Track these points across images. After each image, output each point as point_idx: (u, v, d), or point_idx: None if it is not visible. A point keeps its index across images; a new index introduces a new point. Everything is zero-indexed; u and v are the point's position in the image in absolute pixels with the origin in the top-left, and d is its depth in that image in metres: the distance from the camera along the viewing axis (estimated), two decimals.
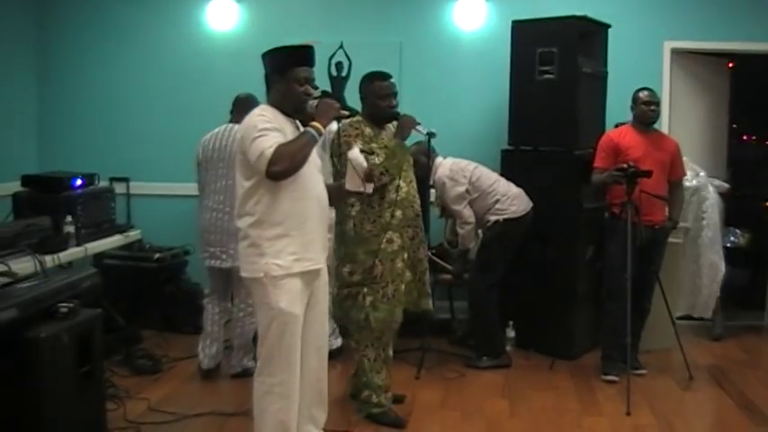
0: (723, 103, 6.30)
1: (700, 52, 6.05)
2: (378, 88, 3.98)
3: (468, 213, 4.95)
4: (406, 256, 4.01)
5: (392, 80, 4.05)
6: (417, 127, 4.01)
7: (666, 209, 4.83)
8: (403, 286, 4.01)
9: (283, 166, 3.04)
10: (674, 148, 4.85)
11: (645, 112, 4.75)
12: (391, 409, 4.07)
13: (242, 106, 4.64)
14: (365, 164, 3.81)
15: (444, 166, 4.99)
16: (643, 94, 4.76)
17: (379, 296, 3.93)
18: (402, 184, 3.95)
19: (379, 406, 4.03)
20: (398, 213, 3.95)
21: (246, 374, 4.59)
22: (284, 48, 3.28)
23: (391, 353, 4.14)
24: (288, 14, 6.10)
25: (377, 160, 3.86)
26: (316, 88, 3.30)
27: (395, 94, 4.03)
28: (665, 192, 4.77)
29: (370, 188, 3.80)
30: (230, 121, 4.67)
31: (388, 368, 4.10)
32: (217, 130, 4.66)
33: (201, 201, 4.70)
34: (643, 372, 4.83)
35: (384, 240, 3.91)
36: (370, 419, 4.04)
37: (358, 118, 3.97)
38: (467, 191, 4.93)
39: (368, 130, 3.95)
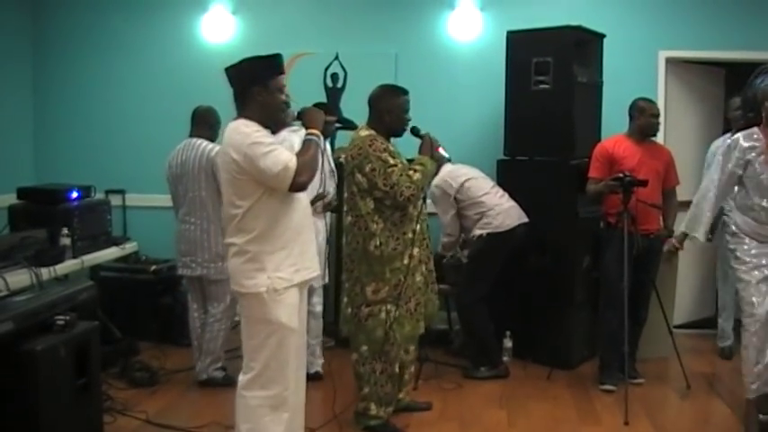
0: (718, 112, 6.30)
1: (694, 61, 6.08)
2: (404, 102, 3.95)
3: (451, 226, 4.98)
4: (424, 268, 4.02)
5: None
6: (440, 149, 3.99)
7: (661, 218, 4.84)
8: (422, 299, 4.01)
9: (308, 176, 3.05)
10: (667, 157, 4.86)
11: (653, 124, 4.74)
12: (389, 421, 4.06)
13: (202, 119, 4.67)
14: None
15: (438, 176, 4.98)
16: (649, 106, 4.74)
17: (403, 311, 3.90)
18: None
19: (377, 418, 4.01)
20: (418, 228, 3.94)
21: (211, 384, 4.63)
22: (261, 57, 3.16)
23: (397, 369, 4.10)
24: (284, 26, 6.11)
25: (396, 174, 3.78)
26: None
27: None
28: (659, 201, 4.78)
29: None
30: (191, 135, 4.68)
31: (394, 383, 4.07)
32: (180, 145, 4.68)
33: (175, 214, 4.78)
34: (641, 381, 4.82)
35: (407, 256, 3.88)
36: (367, 431, 4.03)
37: (370, 132, 3.88)
38: (453, 202, 4.93)
39: (389, 144, 3.93)
